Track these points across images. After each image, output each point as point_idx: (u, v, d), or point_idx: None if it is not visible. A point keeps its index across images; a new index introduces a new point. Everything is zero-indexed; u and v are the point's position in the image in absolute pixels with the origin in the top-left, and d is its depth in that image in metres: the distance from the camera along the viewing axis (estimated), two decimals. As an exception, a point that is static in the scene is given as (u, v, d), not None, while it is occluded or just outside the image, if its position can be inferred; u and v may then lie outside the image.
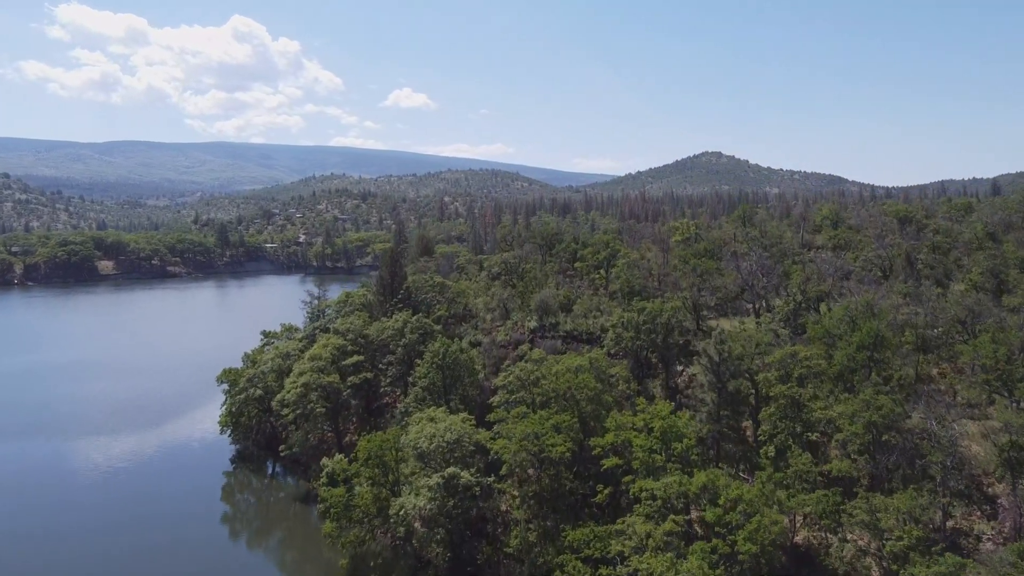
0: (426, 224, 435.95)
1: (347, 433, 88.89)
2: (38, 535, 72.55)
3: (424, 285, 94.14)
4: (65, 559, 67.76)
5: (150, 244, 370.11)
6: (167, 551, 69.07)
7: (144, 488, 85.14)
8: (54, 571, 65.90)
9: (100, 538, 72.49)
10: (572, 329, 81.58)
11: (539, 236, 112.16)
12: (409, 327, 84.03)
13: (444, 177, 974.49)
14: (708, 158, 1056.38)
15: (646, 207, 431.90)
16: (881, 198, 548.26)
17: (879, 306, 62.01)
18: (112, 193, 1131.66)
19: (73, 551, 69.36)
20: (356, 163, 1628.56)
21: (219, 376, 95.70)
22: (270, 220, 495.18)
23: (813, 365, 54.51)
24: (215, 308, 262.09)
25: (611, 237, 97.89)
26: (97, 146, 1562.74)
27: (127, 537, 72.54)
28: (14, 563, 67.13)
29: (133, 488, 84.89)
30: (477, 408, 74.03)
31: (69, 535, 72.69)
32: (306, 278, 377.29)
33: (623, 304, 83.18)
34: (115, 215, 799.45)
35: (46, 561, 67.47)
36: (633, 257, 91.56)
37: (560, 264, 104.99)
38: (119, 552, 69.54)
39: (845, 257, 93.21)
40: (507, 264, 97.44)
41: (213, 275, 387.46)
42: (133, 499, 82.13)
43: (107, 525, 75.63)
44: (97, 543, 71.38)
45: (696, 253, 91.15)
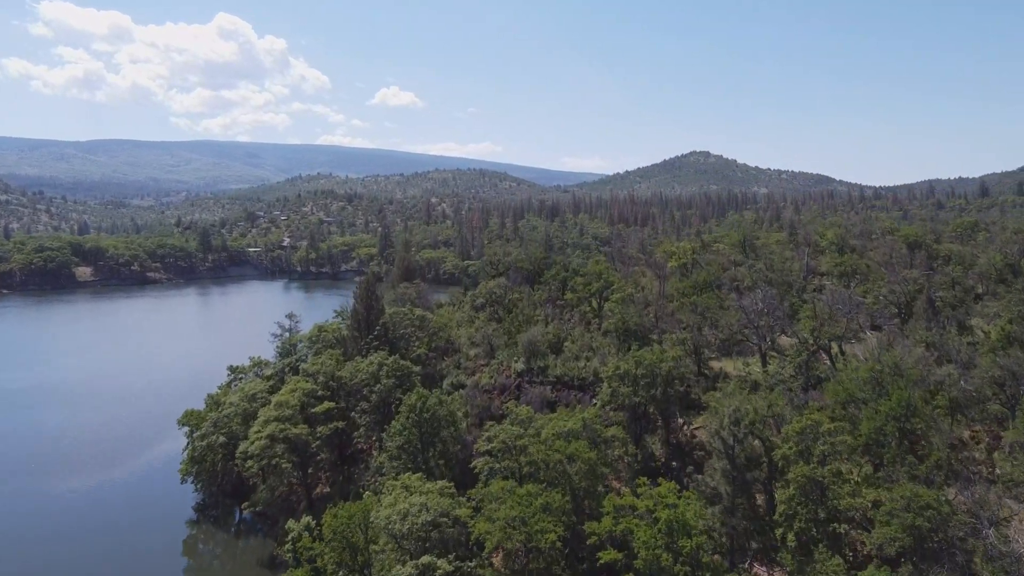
0: (412, 227, 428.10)
1: (318, 483, 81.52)
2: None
3: (402, 319, 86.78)
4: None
5: (130, 249, 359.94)
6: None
7: (96, 544, 77.38)
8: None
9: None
10: (562, 374, 74.41)
11: (527, 262, 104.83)
12: (385, 370, 76.62)
13: (432, 177, 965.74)
14: (696, 157, 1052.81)
15: (635, 210, 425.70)
16: (870, 199, 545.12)
17: (904, 360, 55.17)
18: (96, 192, 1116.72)
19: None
20: (343, 162, 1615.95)
21: (180, 419, 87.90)
22: (254, 223, 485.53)
23: (838, 443, 47.55)
24: (195, 318, 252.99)
25: (604, 266, 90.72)
26: (81, 144, 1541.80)
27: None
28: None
29: (84, 545, 77.11)
30: (458, 465, 66.93)
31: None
32: (290, 284, 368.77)
33: (618, 344, 76.15)
34: (98, 216, 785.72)
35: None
36: (627, 292, 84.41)
37: (549, 292, 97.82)
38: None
39: (854, 289, 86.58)
40: (493, 295, 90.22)
41: (195, 281, 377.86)
42: (84, 557, 74.48)
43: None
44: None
45: (695, 286, 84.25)
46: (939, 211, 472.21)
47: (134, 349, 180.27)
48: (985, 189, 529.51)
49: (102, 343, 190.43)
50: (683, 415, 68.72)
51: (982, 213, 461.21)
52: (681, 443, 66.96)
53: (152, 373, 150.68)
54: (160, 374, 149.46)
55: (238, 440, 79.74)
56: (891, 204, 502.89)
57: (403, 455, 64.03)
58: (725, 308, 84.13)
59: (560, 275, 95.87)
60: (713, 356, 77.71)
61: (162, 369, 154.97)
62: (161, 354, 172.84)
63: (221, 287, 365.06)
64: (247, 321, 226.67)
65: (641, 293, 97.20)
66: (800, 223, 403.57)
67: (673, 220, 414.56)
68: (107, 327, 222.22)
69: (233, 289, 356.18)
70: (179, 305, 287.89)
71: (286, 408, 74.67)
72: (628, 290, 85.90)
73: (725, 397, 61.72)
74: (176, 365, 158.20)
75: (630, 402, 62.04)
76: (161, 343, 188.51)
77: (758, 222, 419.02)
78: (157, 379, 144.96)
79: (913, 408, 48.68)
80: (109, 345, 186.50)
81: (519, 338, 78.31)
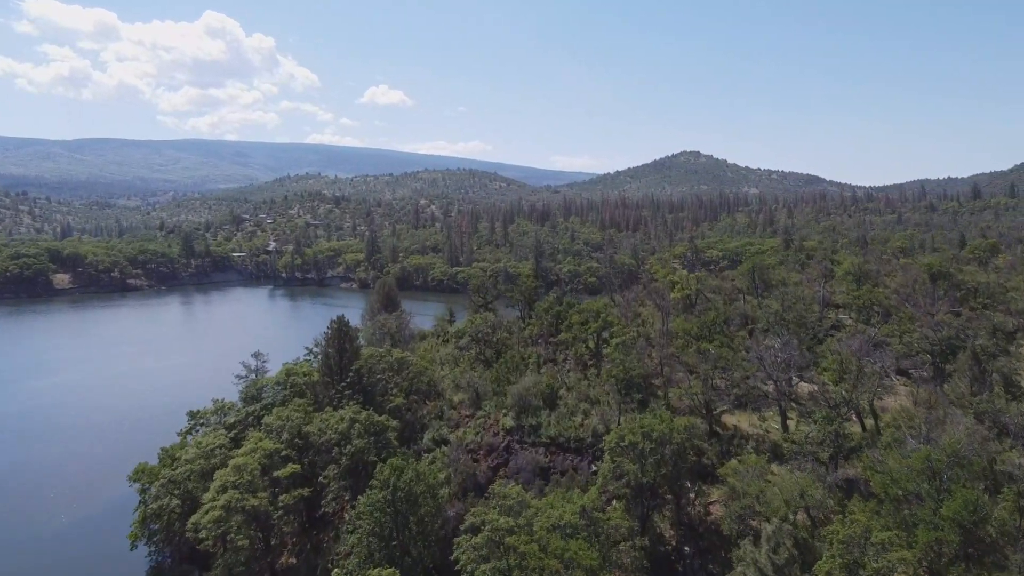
0: (400, 231, 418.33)
1: (283, 552, 72.43)
2: None
3: (378, 362, 77.75)
4: None
5: (109, 256, 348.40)
6: None
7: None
8: None
9: None
10: (557, 435, 65.59)
11: (517, 292, 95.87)
12: (357, 428, 67.62)
13: (421, 177, 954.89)
14: (686, 157, 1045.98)
15: (626, 214, 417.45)
16: (862, 201, 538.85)
17: (960, 442, 46.64)
18: (82, 192, 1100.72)
19: None
20: (332, 161, 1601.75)
21: (131, 475, 78.45)
22: (239, 226, 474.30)
23: (894, 560, 38.94)
24: (175, 330, 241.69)
25: (602, 305, 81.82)
26: (67, 143, 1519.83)
27: None
28: None
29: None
30: (438, 544, 58.06)
31: None
32: (275, 291, 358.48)
33: (619, 398, 67.34)
34: (83, 217, 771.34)
35: None
36: (628, 334, 75.55)
37: (542, 326, 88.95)
38: None
39: (878, 329, 78.19)
40: (479, 334, 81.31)
41: (177, 287, 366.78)
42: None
43: None
44: None
45: (703, 326, 75.61)
46: (932, 213, 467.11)
47: (107, 368, 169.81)
48: (977, 191, 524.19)
49: (72, 361, 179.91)
50: (694, 485, 60.11)
51: (975, 216, 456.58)
52: (693, 520, 58.30)
53: (123, 400, 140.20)
54: (131, 402, 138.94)
55: (196, 500, 70.82)
56: (883, 206, 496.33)
57: (373, 540, 55.09)
58: (736, 351, 75.57)
59: (553, 309, 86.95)
60: (725, 408, 69.09)
61: (135, 395, 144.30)
62: (136, 375, 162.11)
63: (204, 294, 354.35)
64: (229, 334, 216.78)
65: (643, 328, 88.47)
66: (795, 227, 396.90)
67: (665, 224, 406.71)
68: (80, 342, 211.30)
69: (216, 297, 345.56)
70: (159, 315, 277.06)
71: (245, 473, 65.54)
72: (629, 332, 77.04)
73: (745, 474, 53.17)
74: (151, 388, 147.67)
75: (636, 481, 53.26)
76: (137, 361, 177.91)
77: (751, 226, 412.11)
78: (128, 407, 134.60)
79: (983, 513, 40.22)
80: (79, 364, 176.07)
81: (508, 390, 69.49)
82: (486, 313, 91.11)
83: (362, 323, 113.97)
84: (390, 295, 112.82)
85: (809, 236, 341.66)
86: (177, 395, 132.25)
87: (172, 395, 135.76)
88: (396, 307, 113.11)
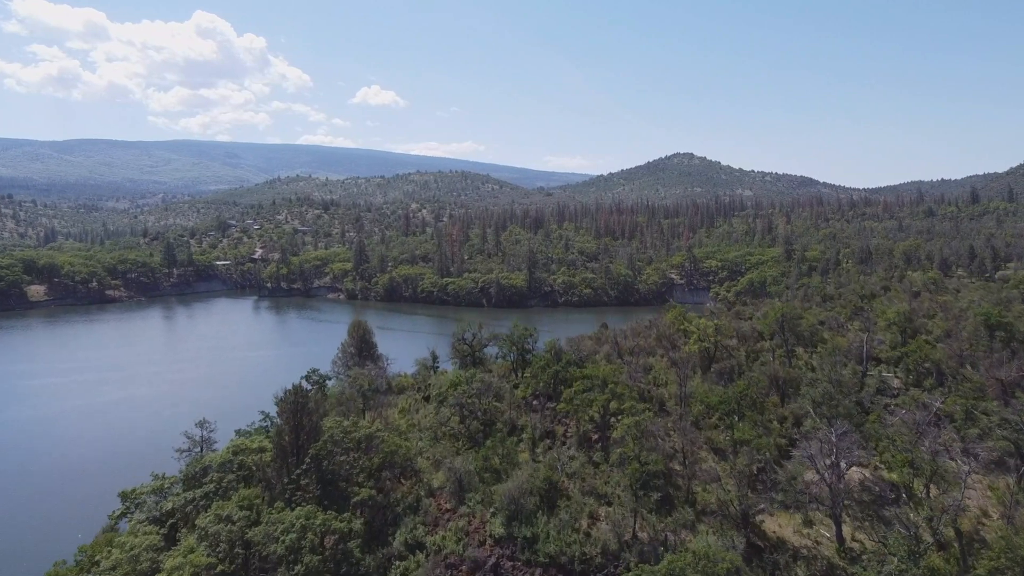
0: (390, 239, 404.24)
1: None
2: None
3: (342, 440, 64.23)
4: None
5: (87, 266, 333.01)
6: None
7: None
8: None
9: None
10: (557, 553, 52.20)
11: (507, 341, 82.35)
12: (310, 540, 54.14)
13: (413, 179, 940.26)
14: (680, 159, 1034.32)
15: (622, 220, 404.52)
16: (860, 206, 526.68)
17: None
18: (71, 194, 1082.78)
19: None
20: (325, 162, 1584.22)
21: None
22: (225, 232, 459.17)
23: None
24: (148, 348, 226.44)
25: (609, 372, 68.42)
26: (57, 144, 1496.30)
27: None
28: None
29: None
30: None
31: None
32: (260, 301, 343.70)
33: (634, 502, 54.02)
34: (69, 220, 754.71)
35: None
36: (644, 416, 62.07)
37: (538, 385, 75.57)
38: None
39: (934, 394, 65.14)
40: (463, 404, 67.78)
41: (158, 298, 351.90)
42: None
43: None
44: None
45: (727, 401, 62.27)
46: (931, 219, 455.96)
47: (72, 399, 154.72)
48: (975, 195, 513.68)
49: (35, 391, 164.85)
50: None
51: (975, 221, 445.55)
52: None
53: (81, 445, 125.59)
54: (83, 447, 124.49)
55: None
56: (882, 211, 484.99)
57: None
58: (771, 430, 62.49)
59: (551, 368, 73.52)
60: (761, 509, 55.90)
61: (90, 435, 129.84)
62: (97, 410, 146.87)
63: (186, 306, 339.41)
64: (206, 356, 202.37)
65: (656, 388, 75.15)
66: (794, 235, 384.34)
67: (661, 232, 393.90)
68: (46, 366, 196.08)
69: (199, 308, 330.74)
70: (135, 331, 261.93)
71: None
72: (643, 411, 63.58)
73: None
74: (110, 426, 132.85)
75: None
76: (106, 389, 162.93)
77: (749, 233, 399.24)
78: (78, 453, 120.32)
79: None
80: (41, 395, 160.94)
81: (497, 490, 56.16)
82: (472, 370, 77.58)
83: (333, 368, 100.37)
84: (365, 338, 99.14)
85: (810, 245, 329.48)
86: (137, 435, 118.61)
87: (133, 435, 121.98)
88: (372, 350, 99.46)
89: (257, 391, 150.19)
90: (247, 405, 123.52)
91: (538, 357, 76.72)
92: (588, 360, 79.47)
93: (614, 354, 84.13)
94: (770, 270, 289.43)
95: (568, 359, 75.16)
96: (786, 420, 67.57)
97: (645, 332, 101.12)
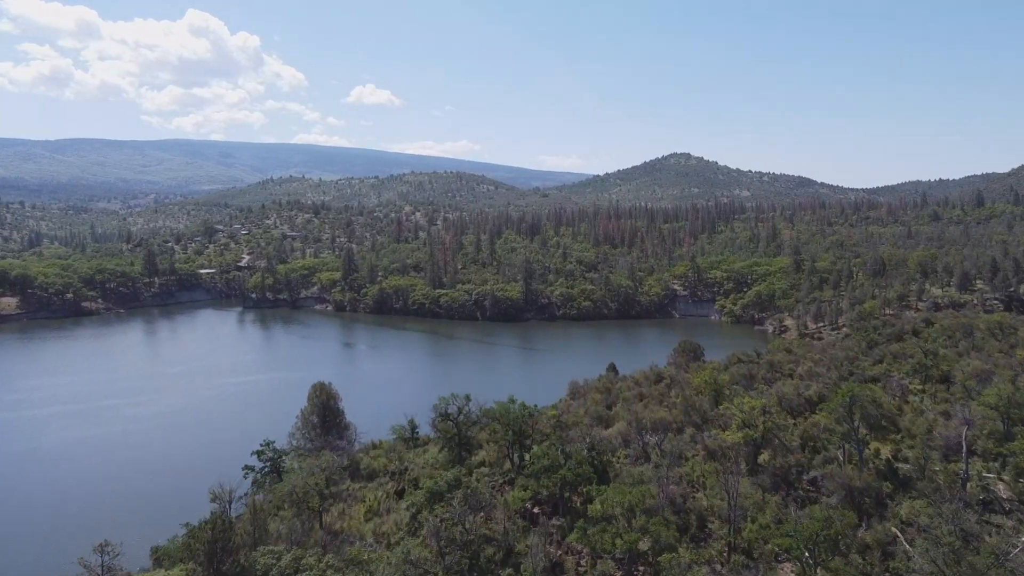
0: (380, 246, 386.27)
1: None
2: None
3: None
4: None
5: (62, 277, 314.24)
6: None
7: None
8: None
9: None
10: None
11: (502, 423, 64.98)
12: None
13: (407, 180, 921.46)
14: (677, 159, 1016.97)
15: (621, 227, 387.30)
16: (864, 209, 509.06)
17: None
18: (62, 195, 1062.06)
19: None
20: (319, 161, 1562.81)
21: None
22: (212, 238, 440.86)
23: None
24: (116, 371, 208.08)
25: (637, 496, 50.89)
26: (49, 144, 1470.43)
27: None
28: None
29: None
30: None
31: None
32: (245, 313, 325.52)
33: None
34: (56, 223, 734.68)
35: None
36: (684, 555, 44.95)
37: (538, 486, 58.24)
38: None
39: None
40: (441, 533, 50.54)
41: (138, 309, 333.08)
42: None
43: None
44: None
45: (809, 540, 45.23)
46: (937, 223, 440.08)
47: (36, 437, 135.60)
48: (981, 198, 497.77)
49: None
50: None
51: (982, 225, 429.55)
52: None
53: (29, 506, 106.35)
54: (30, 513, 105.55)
55: None
56: (886, 215, 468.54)
57: None
58: (849, 556, 45.51)
59: (558, 473, 56.27)
60: None
61: (48, 492, 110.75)
62: (26, 467, 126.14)
63: (167, 318, 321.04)
64: (182, 381, 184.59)
65: (694, 497, 57.84)
66: (800, 242, 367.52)
67: (662, 238, 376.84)
68: (11, 397, 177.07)
69: (179, 322, 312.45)
70: (108, 348, 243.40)
71: None
72: (685, 557, 46.36)
73: None
74: (33, 500, 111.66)
75: None
76: (50, 431, 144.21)
77: (753, 240, 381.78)
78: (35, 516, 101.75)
79: None
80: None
81: None
82: (455, 471, 60.31)
83: (289, 441, 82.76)
84: (329, 404, 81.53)
85: (818, 254, 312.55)
86: (55, 514, 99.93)
87: (42, 517, 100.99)
88: (337, 418, 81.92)
89: (228, 438, 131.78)
90: (212, 462, 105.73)
91: (539, 453, 59.23)
92: (605, 454, 62.21)
93: (635, 439, 66.76)
94: (779, 282, 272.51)
95: (579, 459, 57.83)
96: (869, 551, 50.48)
97: (664, 393, 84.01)
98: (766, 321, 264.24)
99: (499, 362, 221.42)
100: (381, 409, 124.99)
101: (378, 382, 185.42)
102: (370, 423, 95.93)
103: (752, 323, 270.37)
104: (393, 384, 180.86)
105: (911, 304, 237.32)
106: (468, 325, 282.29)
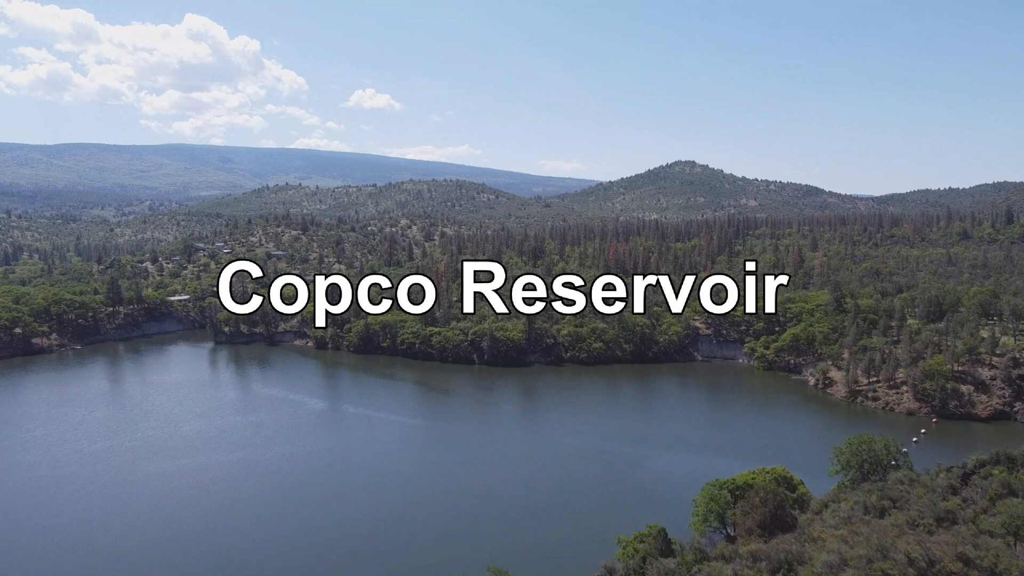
0: (370, 269, 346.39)
1: None
2: None
3: None
4: None
5: (10, 312, 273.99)
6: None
7: None
8: None
9: None
10: None
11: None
12: None
13: (406, 188, 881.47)
14: (682, 167, 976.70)
15: (632, 251, 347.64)
16: (887, 227, 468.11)
17: None
18: (56, 201, 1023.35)
19: None
20: (319, 166, 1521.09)
21: None
22: (191, 257, 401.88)
23: None
24: (31, 447, 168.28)
25: None
26: (47, 148, 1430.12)
27: None
28: None
29: None
30: None
31: None
32: (217, 350, 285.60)
33: None
34: (43, 233, 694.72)
35: None
36: None
37: None
38: None
39: None
40: None
41: (98, 344, 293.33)
42: None
43: None
44: None
45: None
46: (966, 241, 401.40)
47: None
48: (1011, 214, 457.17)
49: None
50: None
51: (1017, 245, 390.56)
52: None
53: None
54: None
55: None
56: (912, 234, 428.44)
57: None
58: None
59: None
60: None
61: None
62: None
63: (130, 354, 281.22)
64: (114, 466, 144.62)
65: None
66: (831, 270, 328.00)
67: (676, 263, 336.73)
68: None
69: (143, 360, 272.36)
70: (42, 403, 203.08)
71: None
72: None
73: None
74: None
75: None
76: None
77: (777, 267, 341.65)
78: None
79: None
80: None
81: None
82: None
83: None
84: None
85: (853, 285, 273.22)
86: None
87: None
88: None
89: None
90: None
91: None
92: None
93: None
94: (819, 324, 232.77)
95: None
96: None
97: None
98: (805, 369, 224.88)
99: (497, 430, 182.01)
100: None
101: (354, 475, 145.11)
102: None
103: (788, 370, 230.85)
104: (374, 481, 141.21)
105: (983, 358, 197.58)
106: (464, 371, 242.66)
